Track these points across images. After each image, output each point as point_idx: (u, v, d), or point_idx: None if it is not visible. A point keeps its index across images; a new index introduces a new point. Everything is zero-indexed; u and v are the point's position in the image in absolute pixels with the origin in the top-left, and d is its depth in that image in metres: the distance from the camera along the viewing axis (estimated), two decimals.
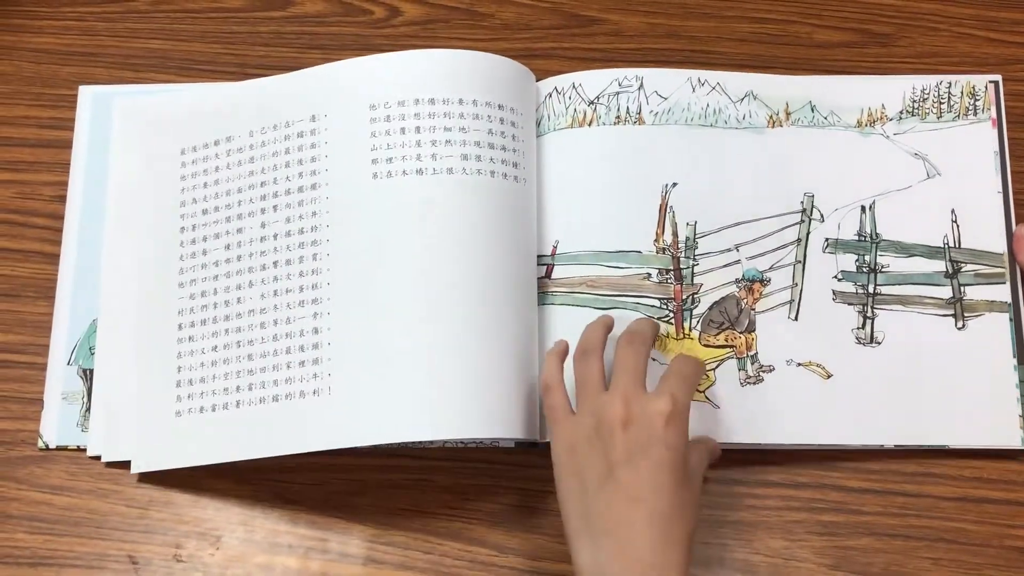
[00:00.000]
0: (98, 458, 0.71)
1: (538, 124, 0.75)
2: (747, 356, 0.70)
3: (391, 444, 0.65)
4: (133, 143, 0.77)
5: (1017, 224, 0.73)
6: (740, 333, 0.71)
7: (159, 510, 0.70)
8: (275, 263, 0.70)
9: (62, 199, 0.77)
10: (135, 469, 0.70)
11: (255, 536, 0.69)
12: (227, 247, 0.72)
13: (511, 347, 0.67)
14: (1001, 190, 0.74)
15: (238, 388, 0.69)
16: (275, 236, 0.71)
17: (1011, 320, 0.71)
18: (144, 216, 0.75)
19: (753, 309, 0.71)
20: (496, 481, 0.70)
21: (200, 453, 0.69)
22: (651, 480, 0.58)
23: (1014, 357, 0.70)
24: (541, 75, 0.76)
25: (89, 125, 0.79)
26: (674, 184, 0.73)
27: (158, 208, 0.75)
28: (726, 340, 0.71)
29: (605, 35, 0.82)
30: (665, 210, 0.72)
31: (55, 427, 0.72)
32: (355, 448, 0.69)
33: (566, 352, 0.66)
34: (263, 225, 0.71)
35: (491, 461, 0.71)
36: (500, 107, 0.71)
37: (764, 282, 0.71)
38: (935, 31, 0.81)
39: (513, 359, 0.67)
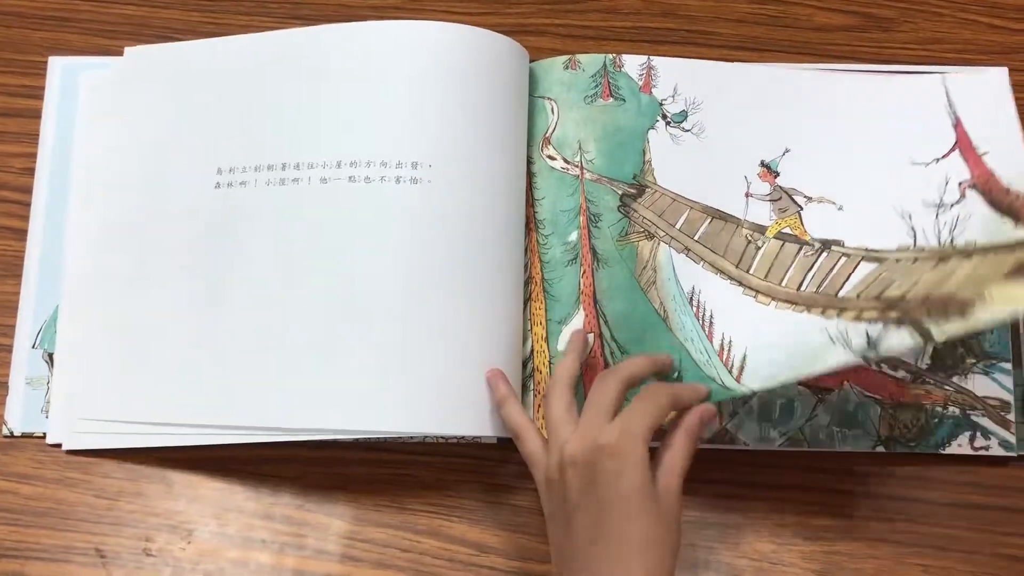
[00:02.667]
0: (59, 446, 0.69)
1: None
2: None
3: (370, 437, 0.63)
4: (100, 118, 0.74)
5: None
6: None
7: (129, 501, 0.68)
8: (249, 247, 0.68)
9: (32, 172, 0.74)
10: (71, 446, 0.68)
11: (228, 530, 0.67)
12: (196, 228, 0.69)
13: (493, 344, 0.65)
14: None
15: (207, 374, 0.66)
16: (255, 215, 0.68)
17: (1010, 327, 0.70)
18: (109, 194, 0.72)
19: None
20: (477, 477, 0.68)
21: (160, 436, 0.66)
22: (601, 522, 0.55)
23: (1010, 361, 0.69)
24: (533, 53, 0.74)
25: (58, 98, 0.76)
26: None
27: (124, 186, 0.72)
28: None
29: (599, 12, 0.80)
30: None
31: (19, 413, 0.69)
32: (336, 440, 0.67)
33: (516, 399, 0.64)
34: (230, 168, 0.69)
35: (472, 456, 0.69)
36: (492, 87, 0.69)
37: None
38: (939, 17, 0.79)
39: (495, 356, 0.65)
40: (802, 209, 0.70)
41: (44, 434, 0.69)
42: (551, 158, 0.71)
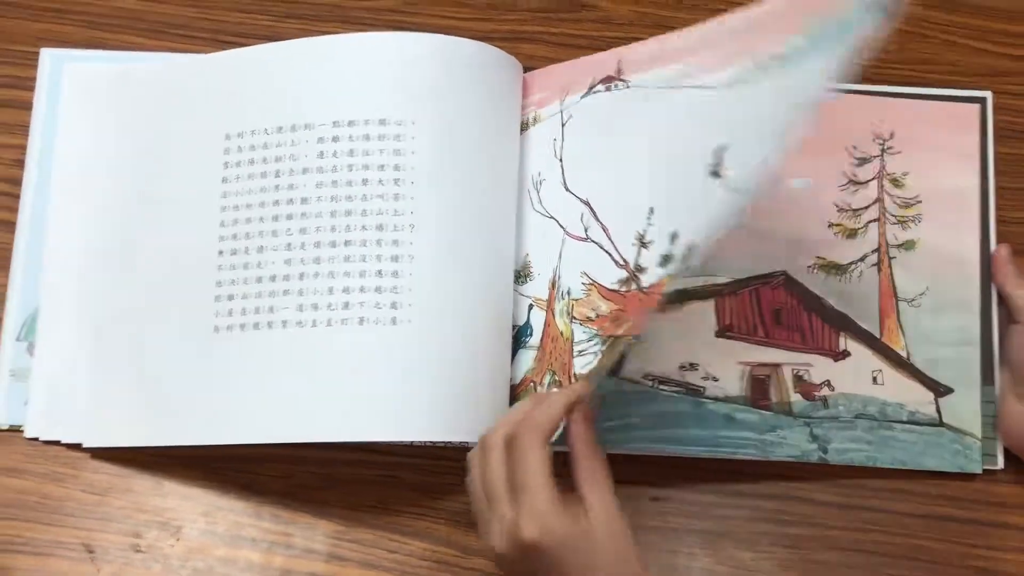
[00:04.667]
0: (36, 439, 0.69)
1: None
2: None
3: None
4: (82, 112, 0.75)
5: (997, 244, 0.73)
6: None
7: (118, 497, 0.68)
8: (235, 236, 0.68)
9: (21, 164, 0.74)
10: (88, 443, 0.68)
11: (217, 528, 0.68)
12: (176, 222, 0.70)
13: (482, 351, 0.66)
14: (980, 207, 0.73)
15: (194, 382, 0.66)
16: (235, 222, 0.68)
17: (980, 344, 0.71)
18: (90, 189, 0.72)
19: None
20: (464, 479, 0.69)
21: (152, 434, 0.67)
22: None
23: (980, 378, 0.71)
24: (527, 61, 0.74)
25: (48, 90, 0.76)
26: None
27: (105, 181, 0.72)
28: None
29: (593, 21, 0.80)
30: None
31: (3, 406, 0.69)
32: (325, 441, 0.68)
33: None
34: (223, 209, 0.69)
35: (459, 459, 0.69)
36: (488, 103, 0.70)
37: None
38: (925, 39, 0.80)
39: (485, 362, 0.66)
40: None
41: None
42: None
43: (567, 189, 0.69)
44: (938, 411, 0.70)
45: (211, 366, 0.66)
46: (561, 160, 0.70)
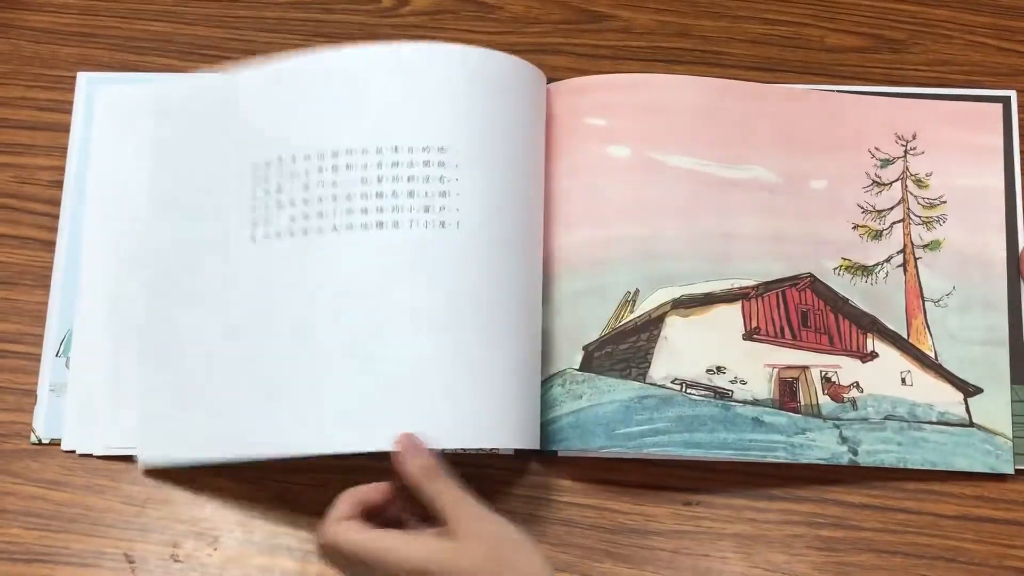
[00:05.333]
0: (73, 452, 0.70)
1: None
2: None
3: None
4: (114, 133, 0.76)
5: None
6: None
7: (156, 508, 0.69)
8: (267, 253, 0.68)
9: (60, 184, 0.76)
10: (142, 463, 0.69)
11: (254, 537, 0.69)
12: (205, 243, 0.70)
13: (513, 356, 0.67)
14: (1006, 207, 0.73)
15: (233, 386, 0.67)
16: (265, 237, 0.69)
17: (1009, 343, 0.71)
18: (122, 208, 0.74)
19: None
20: (495, 487, 0.70)
21: (195, 448, 0.68)
22: None
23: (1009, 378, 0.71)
24: (550, 72, 0.75)
25: (84, 113, 0.78)
26: None
27: (136, 200, 0.73)
28: None
29: (615, 32, 0.81)
30: None
31: (44, 420, 0.71)
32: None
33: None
34: (254, 224, 0.69)
35: (490, 467, 0.71)
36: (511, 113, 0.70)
37: None
38: (948, 39, 0.81)
39: (515, 369, 0.67)
40: None
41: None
42: None
43: None
44: (968, 411, 0.70)
45: (247, 391, 0.67)
46: None
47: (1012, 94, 0.76)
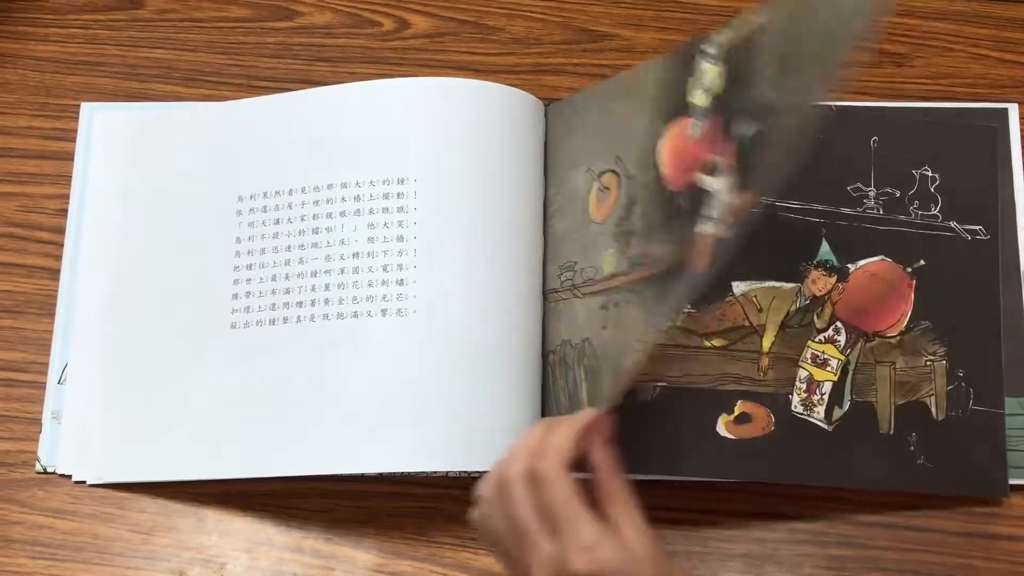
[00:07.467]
0: (69, 477, 0.70)
1: None
2: None
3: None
4: (108, 160, 0.77)
5: None
6: None
7: (163, 536, 0.69)
8: (260, 279, 0.70)
9: (65, 213, 0.76)
10: (94, 480, 0.70)
11: (260, 563, 0.69)
12: (192, 268, 0.72)
13: (514, 384, 0.67)
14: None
15: (224, 423, 0.68)
16: (262, 265, 0.70)
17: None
18: (114, 234, 0.75)
19: None
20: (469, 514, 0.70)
21: (177, 468, 0.68)
22: None
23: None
24: (551, 92, 0.75)
25: (86, 142, 0.78)
26: None
27: (128, 227, 0.74)
28: None
29: (616, 51, 0.81)
30: None
31: (48, 449, 0.71)
32: (364, 474, 0.69)
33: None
34: (236, 255, 0.71)
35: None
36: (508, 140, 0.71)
37: None
38: (950, 52, 0.80)
39: (518, 391, 0.67)
40: None
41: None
42: None
43: None
44: None
45: (247, 416, 0.68)
46: None
47: (1013, 107, 0.76)
